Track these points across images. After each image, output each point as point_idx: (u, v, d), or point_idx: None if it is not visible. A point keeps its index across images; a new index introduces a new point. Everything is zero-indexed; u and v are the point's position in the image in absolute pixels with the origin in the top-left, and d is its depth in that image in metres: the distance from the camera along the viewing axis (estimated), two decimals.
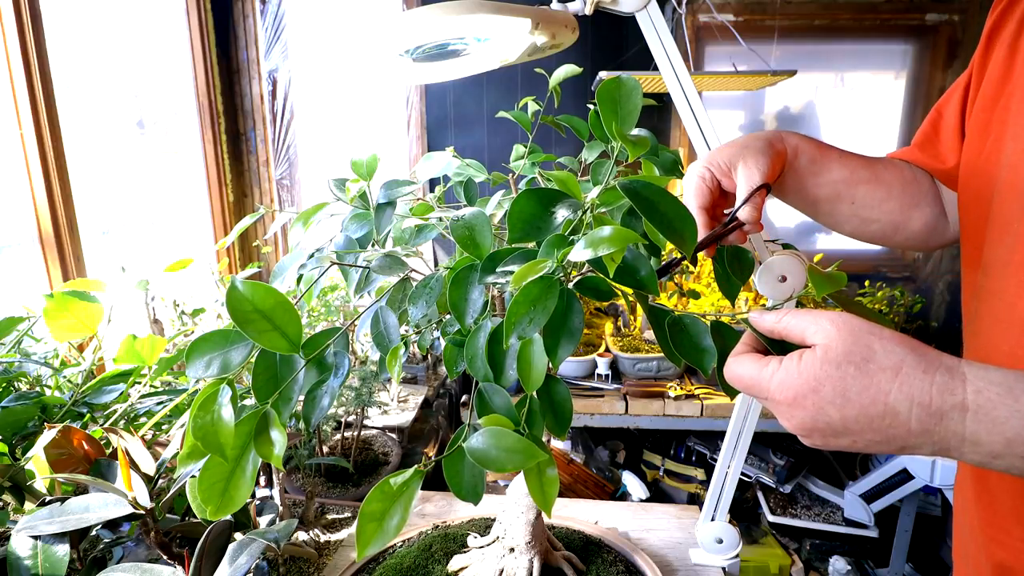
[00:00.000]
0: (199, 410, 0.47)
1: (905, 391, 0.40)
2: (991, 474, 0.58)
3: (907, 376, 0.40)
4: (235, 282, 0.49)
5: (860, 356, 0.41)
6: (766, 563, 2.02)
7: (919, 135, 0.74)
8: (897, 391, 0.40)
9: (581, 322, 0.50)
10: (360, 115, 2.47)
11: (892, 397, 0.40)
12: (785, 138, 0.66)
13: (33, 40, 1.19)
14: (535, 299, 0.46)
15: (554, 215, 0.48)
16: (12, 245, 1.28)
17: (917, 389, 0.39)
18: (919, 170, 0.73)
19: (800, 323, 0.44)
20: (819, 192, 0.68)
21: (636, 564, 0.90)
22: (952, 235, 0.73)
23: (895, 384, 0.40)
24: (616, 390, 2.01)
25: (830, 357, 0.41)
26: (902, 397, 0.40)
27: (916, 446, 0.41)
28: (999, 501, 0.58)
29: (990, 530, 0.59)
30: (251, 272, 1.31)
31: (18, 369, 0.88)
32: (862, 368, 0.40)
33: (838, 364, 0.41)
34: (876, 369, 0.40)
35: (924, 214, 0.72)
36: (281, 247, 2.07)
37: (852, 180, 0.69)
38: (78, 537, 0.70)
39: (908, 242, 0.74)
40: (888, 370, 0.40)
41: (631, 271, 0.48)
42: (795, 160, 0.66)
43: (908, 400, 0.40)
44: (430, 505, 1.12)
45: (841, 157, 0.69)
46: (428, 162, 0.77)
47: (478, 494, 0.53)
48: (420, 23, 0.65)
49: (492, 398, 0.56)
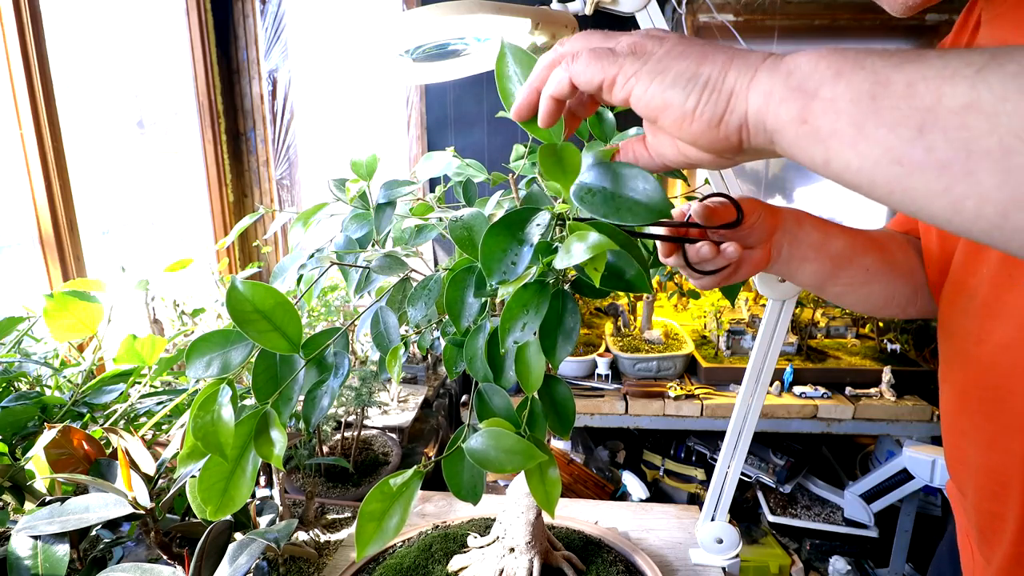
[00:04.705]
0: (199, 410, 0.47)
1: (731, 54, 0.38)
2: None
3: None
4: (235, 282, 0.49)
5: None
6: (766, 563, 2.02)
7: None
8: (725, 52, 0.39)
9: (577, 323, 0.50)
10: (360, 115, 2.47)
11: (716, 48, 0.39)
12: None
13: (33, 40, 1.19)
14: (526, 303, 0.46)
15: (527, 238, 0.46)
16: (12, 245, 1.28)
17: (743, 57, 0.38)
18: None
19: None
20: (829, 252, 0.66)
21: (636, 564, 0.90)
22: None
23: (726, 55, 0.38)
24: (616, 390, 2.01)
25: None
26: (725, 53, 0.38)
27: (712, 58, 0.38)
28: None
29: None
30: (251, 272, 1.31)
31: (18, 369, 0.88)
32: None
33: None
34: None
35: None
36: (281, 247, 2.07)
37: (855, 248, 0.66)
38: (78, 537, 0.70)
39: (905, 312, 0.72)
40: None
41: (618, 273, 0.48)
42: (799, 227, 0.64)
43: (729, 52, 0.38)
44: (430, 505, 1.12)
45: (843, 230, 0.66)
46: (428, 162, 0.77)
47: (477, 494, 0.53)
48: (420, 23, 0.65)
49: (492, 398, 0.56)
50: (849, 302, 0.69)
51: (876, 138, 0.32)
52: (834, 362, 2.06)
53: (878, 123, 0.31)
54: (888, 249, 0.68)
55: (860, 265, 0.65)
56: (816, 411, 1.91)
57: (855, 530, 2.01)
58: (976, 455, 0.57)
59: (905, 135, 0.31)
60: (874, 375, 1.98)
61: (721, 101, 0.38)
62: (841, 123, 0.33)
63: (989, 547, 0.57)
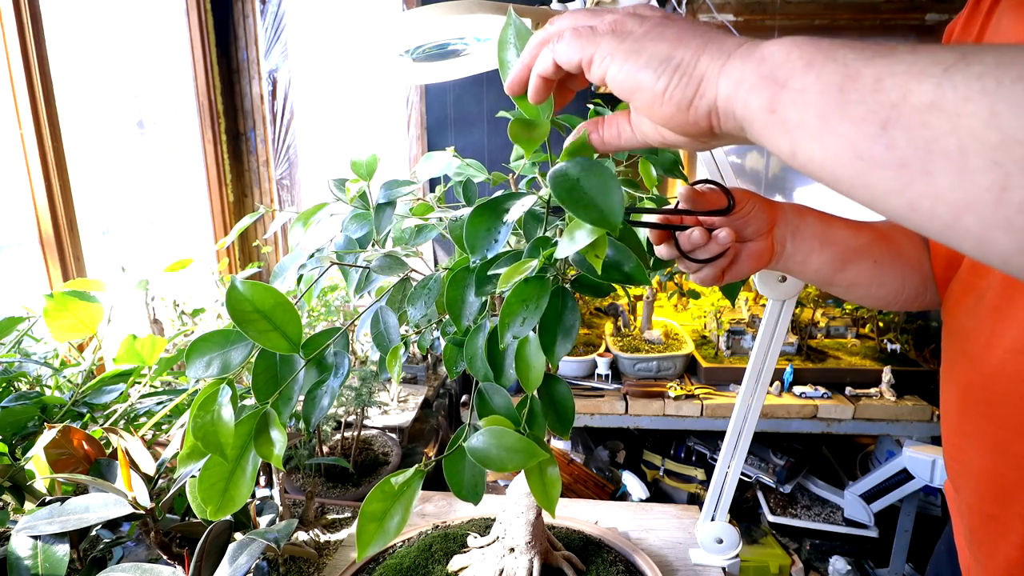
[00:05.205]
0: (199, 410, 0.47)
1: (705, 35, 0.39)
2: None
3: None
4: (235, 282, 0.49)
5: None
6: (766, 563, 2.02)
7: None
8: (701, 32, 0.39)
9: (577, 320, 0.50)
10: (360, 115, 2.47)
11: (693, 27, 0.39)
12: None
13: (33, 40, 1.19)
14: (526, 298, 0.46)
15: (507, 218, 0.48)
16: (12, 245, 1.28)
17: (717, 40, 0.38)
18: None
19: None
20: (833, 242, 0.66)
21: (636, 564, 0.90)
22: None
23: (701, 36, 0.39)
24: (616, 390, 2.01)
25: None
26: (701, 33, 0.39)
27: (687, 41, 0.39)
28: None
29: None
30: (251, 272, 1.31)
31: (18, 369, 0.88)
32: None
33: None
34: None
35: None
36: (281, 247, 2.08)
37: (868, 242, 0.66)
38: (78, 537, 0.70)
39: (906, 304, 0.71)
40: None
41: (616, 266, 0.49)
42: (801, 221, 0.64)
43: (705, 33, 0.39)
44: (430, 505, 1.12)
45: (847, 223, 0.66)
46: (428, 162, 0.77)
47: (478, 494, 0.53)
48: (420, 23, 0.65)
49: (492, 398, 0.56)
50: (859, 296, 0.69)
51: (840, 132, 0.31)
52: (834, 362, 2.06)
53: (844, 117, 0.31)
54: (894, 239, 0.67)
55: (867, 256, 0.65)
56: (816, 411, 1.91)
57: (855, 530, 2.01)
58: (978, 458, 0.56)
59: (869, 131, 0.30)
60: (874, 375, 1.98)
61: (691, 85, 0.38)
62: (808, 115, 0.33)
63: (982, 549, 0.57)
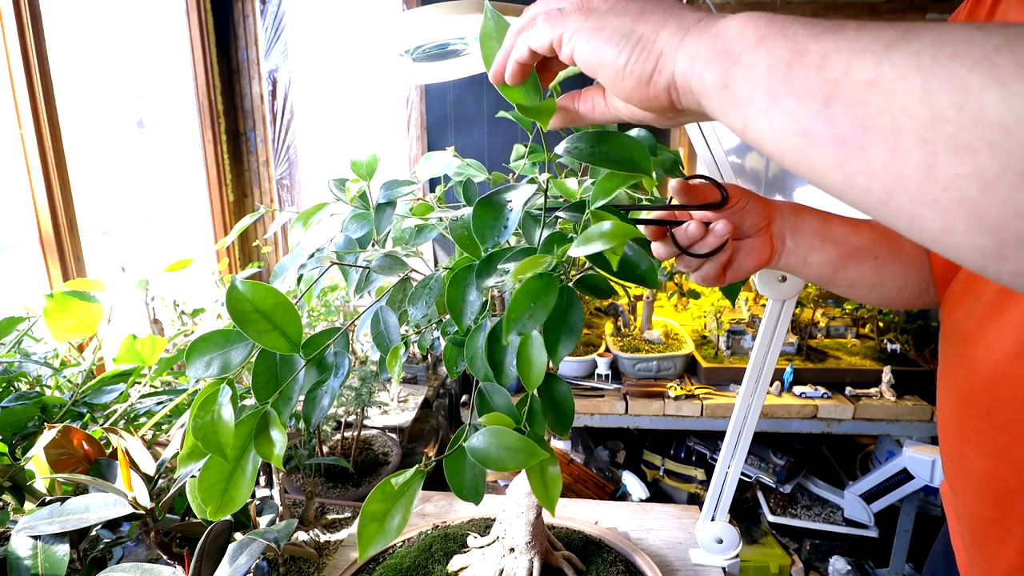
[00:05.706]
0: (199, 410, 0.47)
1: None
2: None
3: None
4: (235, 282, 0.49)
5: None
6: (766, 563, 2.02)
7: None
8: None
9: (580, 319, 0.50)
10: (360, 115, 2.47)
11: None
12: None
13: (33, 40, 1.19)
14: (535, 295, 0.46)
15: (513, 206, 0.49)
16: (12, 245, 1.28)
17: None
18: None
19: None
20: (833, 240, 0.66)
21: (636, 564, 0.90)
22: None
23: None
24: (616, 390, 2.01)
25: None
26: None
27: (648, 16, 0.39)
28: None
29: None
30: (251, 272, 1.31)
31: (18, 369, 0.88)
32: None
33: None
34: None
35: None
36: (281, 247, 2.08)
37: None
38: (78, 537, 0.70)
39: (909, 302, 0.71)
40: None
41: (632, 266, 0.49)
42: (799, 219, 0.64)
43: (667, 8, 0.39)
44: (430, 505, 1.12)
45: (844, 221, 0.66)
46: (428, 162, 0.77)
47: (479, 494, 0.53)
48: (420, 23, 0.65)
49: (492, 397, 0.56)
50: (861, 294, 0.69)
51: (786, 108, 0.32)
52: (834, 362, 2.06)
53: (790, 93, 0.32)
54: (896, 237, 0.67)
55: (869, 254, 0.65)
56: (816, 411, 1.91)
57: (855, 530, 2.01)
58: (978, 461, 0.56)
59: (811, 108, 0.31)
60: (874, 375, 1.98)
61: (650, 60, 0.38)
62: (757, 90, 0.33)
63: (982, 553, 0.57)
